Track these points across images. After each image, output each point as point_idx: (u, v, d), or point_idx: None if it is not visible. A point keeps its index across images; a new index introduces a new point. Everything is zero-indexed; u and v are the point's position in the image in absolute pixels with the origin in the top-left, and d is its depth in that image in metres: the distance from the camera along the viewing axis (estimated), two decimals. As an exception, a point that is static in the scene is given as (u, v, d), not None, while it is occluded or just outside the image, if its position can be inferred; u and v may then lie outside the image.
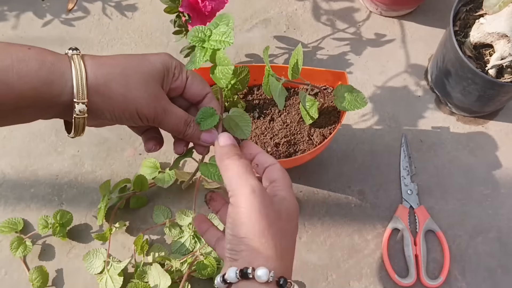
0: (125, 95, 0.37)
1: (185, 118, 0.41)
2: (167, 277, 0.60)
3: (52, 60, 0.35)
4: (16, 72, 0.33)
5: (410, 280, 0.64)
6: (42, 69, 0.34)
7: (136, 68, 0.38)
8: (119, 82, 0.36)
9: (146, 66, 0.38)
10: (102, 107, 0.37)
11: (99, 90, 0.36)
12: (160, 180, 0.68)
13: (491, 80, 0.63)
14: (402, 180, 0.71)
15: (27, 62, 0.34)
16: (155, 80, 0.39)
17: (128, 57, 0.39)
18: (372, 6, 0.83)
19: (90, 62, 0.36)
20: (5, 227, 0.67)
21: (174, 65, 0.41)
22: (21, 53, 0.34)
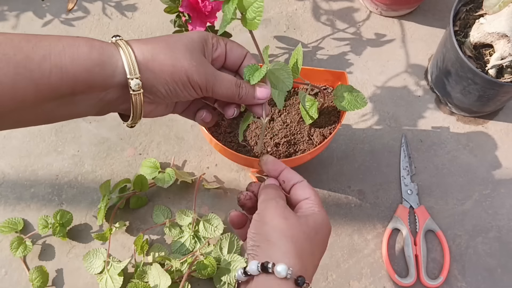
0: (174, 65, 0.38)
1: (235, 80, 0.42)
2: (167, 277, 0.60)
3: (100, 44, 0.36)
4: (69, 55, 0.34)
5: (410, 280, 0.64)
6: (92, 52, 0.35)
7: (177, 42, 0.39)
8: (166, 54, 0.37)
9: (185, 40, 0.39)
10: (155, 82, 0.38)
11: (149, 65, 0.37)
12: (160, 180, 0.68)
13: (491, 80, 0.63)
14: (402, 180, 0.71)
15: (77, 47, 0.35)
16: (198, 50, 0.40)
17: (167, 36, 0.40)
18: (372, 6, 0.83)
19: (135, 43, 0.38)
20: (5, 227, 0.67)
21: (211, 36, 0.42)
22: (71, 39, 0.35)
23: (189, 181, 0.69)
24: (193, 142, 0.74)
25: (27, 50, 0.33)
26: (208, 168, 0.72)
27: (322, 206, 0.42)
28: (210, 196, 0.71)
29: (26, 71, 0.32)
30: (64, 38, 0.35)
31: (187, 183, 0.71)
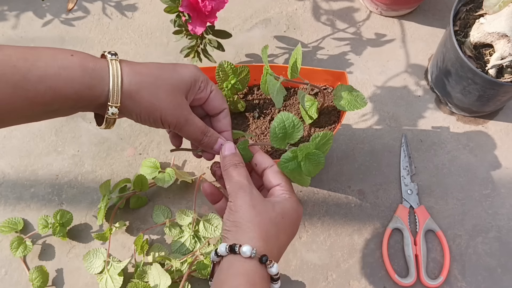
0: (153, 103, 0.41)
1: (203, 128, 0.46)
2: (167, 277, 0.60)
3: (93, 67, 0.39)
4: (63, 79, 0.37)
5: (410, 280, 0.64)
6: (85, 75, 0.38)
7: (166, 80, 0.42)
8: (150, 91, 0.41)
9: (175, 78, 0.43)
10: (131, 109, 0.41)
11: (131, 96, 0.40)
12: (160, 180, 0.68)
13: (491, 80, 0.63)
14: (402, 180, 0.71)
15: (71, 70, 0.38)
16: (181, 91, 0.43)
17: (161, 67, 0.43)
18: (372, 6, 0.83)
19: (127, 70, 0.40)
20: (5, 227, 0.67)
21: (201, 79, 0.45)
22: (66, 60, 0.38)
23: (189, 181, 0.69)
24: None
25: (24, 71, 0.36)
26: (208, 168, 0.72)
27: (292, 191, 0.45)
28: (210, 196, 0.71)
29: (23, 91, 0.36)
30: (59, 56, 0.38)
31: (187, 183, 0.71)
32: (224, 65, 0.60)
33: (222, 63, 0.60)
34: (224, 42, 0.71)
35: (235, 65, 0.61)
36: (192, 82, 0.44)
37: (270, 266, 0.40)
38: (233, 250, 0.39)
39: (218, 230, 0.66)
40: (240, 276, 0.39)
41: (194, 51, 0.72)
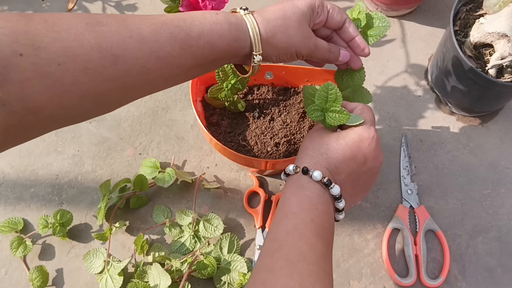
0: (288, 42, 0.46)
1: (328, 47, 0.51)
2: (167, 277, 0.60)
3: (235, 21, 0.44)
4: (216, 33, 0.42)
5: (410, 280, 0.64)
6: (231, 29, 0.43)
7: (291, 17, 0.46)
8: (283, 32, 0.46)
9: (297, 13, 0.47)
10: (271, 53, 0.47)
11: (269, 41, 0.45)
12: (160, 179, 0.68)
13: (491, 80, 0.63)
14: (402, 179, 0.71)
15: (221, 25, 0.43)
16: (306, 23, 0.48)
17: (284, 8, 0.47)
18: (372, 6, 0.83)
19: (260, 20, 0.45)
20: (5, 227, 0.67)
21: (317, 5, 0.49)
22: (214, 18, 0.43)
23: (189, 181, 0.69)
24: (193, 142, 0.74)
25: (187, 29, 0.41)
26: (208, 168, 0.72)
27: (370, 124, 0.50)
28: (210, 196, 0.71)
29: (188, 46, 0.41)
30: (208, 15, 0.43)
31: (187, 183, 0.71)
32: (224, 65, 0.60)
33: None
34: (224, 42, 0.71)
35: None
36: (310, 11, 0.48)
37: (311, 174, 0.44)
38: (306, 172, 0.44)
39: (218, 230, 0.66)
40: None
41: (194, 51, 0.72)
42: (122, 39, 0.37)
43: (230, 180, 0.72)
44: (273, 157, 0.62)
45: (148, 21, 0.40)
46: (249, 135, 0.64)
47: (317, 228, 0.42)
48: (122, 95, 0.40)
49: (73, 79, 0.35)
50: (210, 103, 0.65)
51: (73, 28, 0.35)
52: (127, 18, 0.39)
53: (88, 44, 0.36)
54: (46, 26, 0.34)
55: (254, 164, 0.61)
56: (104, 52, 0.36)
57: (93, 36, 0.36)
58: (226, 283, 0.63)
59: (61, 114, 0.36)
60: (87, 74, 0.36)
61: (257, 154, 0.62)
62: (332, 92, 0.48)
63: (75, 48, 0.35)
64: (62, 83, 0.35)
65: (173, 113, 0.76)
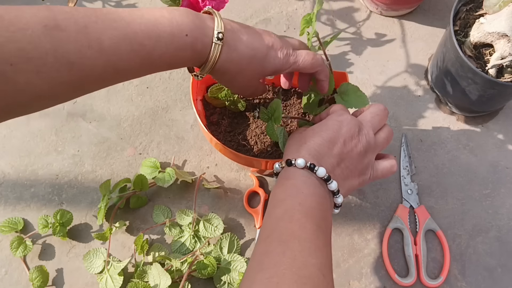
0: (229, 85, 0.50)
1: (264, 90, 0.56)
2: (167, 277, 0.60)
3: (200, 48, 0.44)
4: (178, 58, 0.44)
5: (410, 280, 0.64)
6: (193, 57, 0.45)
7: (251, 70, 0.48)
8: (231, 77, 0.48)
9: (258, 71, 0.48)
10: (217, 78, 0.50)
11: (214, 74, 0.48)
12: (160, 179, 0.68)
13: (491, 80, 0.63)
14: (402, 179, 0.71)
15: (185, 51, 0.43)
16: (258, 78, 0.50)
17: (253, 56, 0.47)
18: (372, 5, 0.83)
19: (223, 58, 0.45)
20: (5, 227, 0.67)
21: (286, 68, 0.50)
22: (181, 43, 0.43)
23: (189, 180, 0.69)
24: (193, 142, 0.74)
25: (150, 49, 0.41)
26: (208, 168, 0.72)
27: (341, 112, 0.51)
28: (210, 195, 0.71)
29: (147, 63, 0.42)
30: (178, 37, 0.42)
31: (187, 182, 0.71)
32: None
33: None
34: (224, 42, 0.71)
35: None
36: (272, 72, 0.50)
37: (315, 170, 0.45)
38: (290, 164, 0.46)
39: (218, 230, 0.66)
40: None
41: (194, 51, 0.72)
42: (80, 48, 0.37)
43: (230, 180, 0.72)
44: (273, 157, 0.62)
45: (111, 31, 0.39)
46: (249, 134, 0.64)
47: (304, 210, 0.43)
48: (76, 94, 0.41)
49: (26, 80, 0.35)
50: (211, 102, 0.65)
51: (29, 30, 0.35)
52: (88, 24, 0.38)
53: (43, 48, 0.35)
54: (1, 25, 0.34)
55: (254, 164, 0.61)
56: (60, 58, 0.36)
57: (49, 40, 0.35)
58: (226, 283, 0.63)
59: (14, 109, 0.37)
60: (40, 77, 0.36)
61: (257, 153, 0.62)
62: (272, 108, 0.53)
63: (29, 51, 0.35)
64: (15, 83, 0.35)
65: (173, 113, 0.76)
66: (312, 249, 0.41)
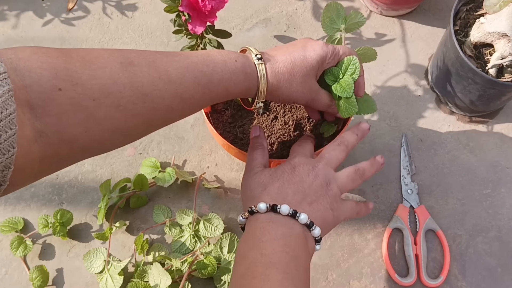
0: (288, 95, 0.50)
1: (328, 103, 0.54)
2: (167, 277, 0.60)
3: (250, 71, 0.47)
4: (233, 82, 0.46)
5: (410, 280, 0.64)
6: (246, 79, 0.47)
7: (298, 72, 0.49)
8: (286, 87, 0.49)
9: (306, 67, 0.49)
10: (271, 98, 0.51)
11: (272, 93, 0.49)
12: (161, 179, 0.68)
13: (491, 80, 0.63)
14: (402, 179, 0.71)
15: (238, 75, 0.46)
16: (312, 76, 0.50)
17: (293, 60, 0.49)
18: (372, 5, 0.82)
19: (270, 72, 0.48)
20: (5, 227, 0.67)
21: (329, 56, 0.51)
22: (234, 67, 0.46)
23: (189, 180, 0.69)
24: (193, 142, 0.74)
25: (209, 75, 0.44)
26: (208, 168, 0.72)
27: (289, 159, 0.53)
28: (210, 195, 0.71)
29: (208, 91, 0.45)
30: (229, 63, 0.46)
31: (187, 182, 0.71)
32: None
33: None
34: (224, 41, 0.71)
35: None
36: (319, 64, 0.50)
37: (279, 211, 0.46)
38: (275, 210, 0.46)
39: (218, 230, 0.66)
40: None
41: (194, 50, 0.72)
42: (152, 79, 0.40)
43: (230, 180, 0.72)
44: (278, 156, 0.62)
45: (175, 64, 0.42)
46: (249, 129, 0.64)
47: (267, 260, 0.43)
48: (146, 129, 0.43)
49: (106, 114, 0.38)
50: None
51: (108, 67, 0.38)
52: (156, 60, 0.42)
53: (121, 82, 0.38)
54: (83, 64, 0.37)
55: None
56: (135, 91, 0.39)
57: (126, 75, 0.39)
58: (226, 283, 0.63)
59: (92, 146, 0.39)
60: (118, 110, 0.38)
61: None
62: (352, 65, 0.51)
63: (109, 86, 0.38)
64: (96, 117, 0.37)
65: (173, 112, 0.76)
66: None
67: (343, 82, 0.51)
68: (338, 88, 0.51)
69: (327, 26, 0.58)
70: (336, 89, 0.52)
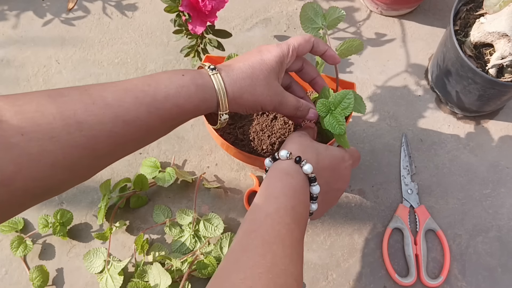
0: (254, 101, 0.48)
1: (297, 105, 0.52)
2: (167, 276, 0.60)
3: (202, 82, 0.45)
4: (183, 96, 0.43)
5: (411, 280, 0.64)
6: (198, 91, 0.44)
7: (259, 76, 0.48)
8: (250, 92, 0.47)
9: (266, 70, 0.48)
10: (237, 109, 0.48)
11: (236, 101, 0.47)
12: (161, 179, 0.68)
13: (491, 80, 0.63)
14: (403, 179, 0.71)
15: (187, 87, 0.44)
16: (274, 78, 0.49)
17: (251, 65, 0.48)
18: (372, 5, 0.83)
19: (227, 80, 0.46)
20: (5, 227, 0.67)
21: (287, 53, 0.50)
22: (181, 81, 0.44)
23: (190, 180, 0.69)
24: (193, 142, 0.74)
25: (152, 93, 0.42)
26: (208, 168, 0.72)
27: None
28: (211, 195, 0.71)
29: (154, 109, 0.42)
30: (174, 78, 0.44)
31: (187, 182, 0.71)
32: (232, 57, 0.61)
33: (230, 55, 0.62)
34: (224, 41, 0.71)
35: None
36: (279, 65, 0.49)
37: (303, 165, 0.45)
38: (274, 158, 0.47)
39: (218, 230, 0.66)
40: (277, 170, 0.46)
41: (194, 50, 0.72)
42: (85, 106, 0.38)
43: (230, 180, 0.72)
44: (267, 156, 0.62)
45: (111, 88, 0.40)
46: (249, 130, 0.64)
47: (296, 216, 0.43)
48: (94, 162, 0.40)
49: (39, 148, 0.35)
50: None
51: (35, 101, 0.36)
52: (89, 88, 0.40)
53: (50, 113, 0.36)
54: (7, 102, 0.36)
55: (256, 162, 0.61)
56: (67, 120, 0.37)
57: (55, 106, 0.37)
58: (226, 283, 0.63)
59: (34, 187, 0.36)
60: (52, 142, 0.36)
61: (252, 150, 0.62)
62: (347, 100, 0.50)
63: (37, 118, 0.36)
64: (29, 153, 0.35)
65: (173, 112, 0.76)
66: (294, 257, 0.40)
67: (334, 116, 0.51)
68: (331, 120, 0.51)
69: (307, 27, 0.57)
70: (328, 122, 0.51)
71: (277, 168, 0.46)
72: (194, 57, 0.74)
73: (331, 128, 0.50)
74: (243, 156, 0.59)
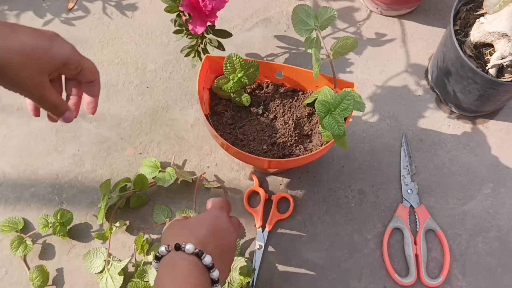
0: (16, 81, 0.43)
1: (56, 103, 0.47)
2: (167, 276, 0.60)
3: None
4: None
5: (410, 280, 0.64)
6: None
7: (36, 60, 0.43)
8: (16, 69, 0.42)
9: (45, 60, 0.44)
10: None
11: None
12: (161, 179, 0.68)
13: (491, 80, 0.63)
14: (402, 179, 0.71)
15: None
16: (46, 72, 0.44)
17: (36, 44, 0.43)
18: (372, 5, 0.83)
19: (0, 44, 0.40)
20: (5, 226, 0.67)
21: (73, 63, 0.46)
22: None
23: (190, 180, 0.69)
24: (193, 142, 0.74)
25: None
26: (208, 168, 0.72)
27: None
28: (211, 195, 0.71)
29: None
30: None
31: (187, 182, 0.71)
32: (232, 58, 0.61)
33: (231, 55, 0.61)
34: (225, 41, 0.71)
35: (244, 60, 0.61)
36: (61, 65, 0.45)
37: (183, 248, 0.45)
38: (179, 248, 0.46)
39: (218, 230, 0.65)
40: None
41: (194, 50, 0.72)
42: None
43: (230, 180, 0.72)
44: (267, 156, 0.62)
45: None
46: (249, 130, 0.64)
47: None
48: None
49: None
50: (217, 93, 0.65)
51: None
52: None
53: None
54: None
55: (256, 162, 0.61)
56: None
57: None
58: (226, 283, 0.63)
59: None
60: None
61: (252, 150, 0.62)
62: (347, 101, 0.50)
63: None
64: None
65: (173, 112, 0.76)
66: None
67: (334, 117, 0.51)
68: (330, 121, 0.51)
69: (300, 29, 0.56)
70: (327, 123, 0.51)
71: (163, 265, 0.46)
72: (194, 57, 0.74)
73: (330, 129, 0.50)
74: (243, 156, 0.59)
